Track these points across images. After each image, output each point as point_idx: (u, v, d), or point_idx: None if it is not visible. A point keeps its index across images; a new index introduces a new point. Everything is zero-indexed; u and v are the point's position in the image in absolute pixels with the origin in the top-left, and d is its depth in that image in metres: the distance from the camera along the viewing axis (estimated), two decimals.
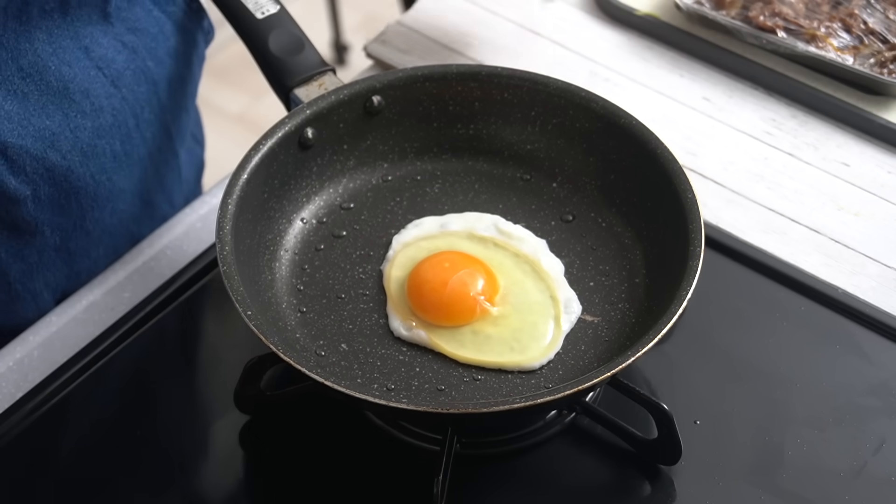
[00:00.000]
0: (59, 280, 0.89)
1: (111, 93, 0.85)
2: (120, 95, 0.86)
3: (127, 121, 0.87)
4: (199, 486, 0.79)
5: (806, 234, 0.90)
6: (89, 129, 0.84)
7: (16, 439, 0.79)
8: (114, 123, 0.86)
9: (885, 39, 0.97)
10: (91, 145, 0.85)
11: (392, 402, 0.69)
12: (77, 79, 0.83)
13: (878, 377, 0.81)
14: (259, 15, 0.87)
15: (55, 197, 0.84)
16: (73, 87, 0.83)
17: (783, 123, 0.97)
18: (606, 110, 0.84)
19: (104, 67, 0.84)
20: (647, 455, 0.77)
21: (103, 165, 0.86)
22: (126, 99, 0.86)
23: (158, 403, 0.83)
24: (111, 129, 0.86)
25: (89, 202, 0.87)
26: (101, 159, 0.86)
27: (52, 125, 0.82)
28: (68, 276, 0.89)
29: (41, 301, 0.88)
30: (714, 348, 0.83)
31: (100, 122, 0.85)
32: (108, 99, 0.85)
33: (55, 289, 0.89)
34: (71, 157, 0.84)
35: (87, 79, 0.83)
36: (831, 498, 0.75)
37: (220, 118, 2.30)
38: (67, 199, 0.85)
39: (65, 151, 0.83)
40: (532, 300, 0.80)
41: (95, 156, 0.85)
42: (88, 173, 0.85)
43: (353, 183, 0.88)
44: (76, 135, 0.84)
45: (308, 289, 0.82)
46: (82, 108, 0.84)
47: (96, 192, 0.87)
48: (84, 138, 0.84)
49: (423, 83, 0.87)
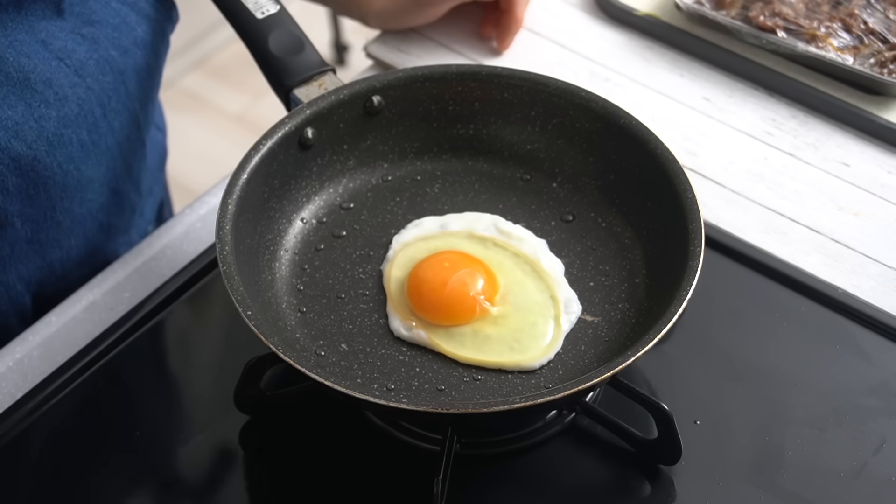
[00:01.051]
0: (31, 272, 0.89)
1: (75, 82, 0.85)
2: (84, 85, 0.86)
3: (93, 110, 0.87)
4: (200, 486, 0.79)
5: (806, 234, 0.90)
6: (54, 118, 0.84)
7: (16, 439, 0.79)
8: (79, 113, 0.86)
9: (885, 39, 0.97)
10: (57, 135, 0.85)
11: (392, 402, 0.69)
12: (38, 69, 0.83)
13: (878, 377, 0.81)
14: (259, 15, 0.87)
15: (23, 187, 0.84)
16: (34, 78, 0.83)
17: (783, 123, 0.97)
18: (606, 110, 0.84)
19: (65, 58, 0.84)
20: (647, 455, 0.77)
21: (70, 155, 0.86)
22: (91, 88, 0.86)
23: (158, 403, 0.83)
24: (77, 119, 0.86)
25: (58, 192, 0.87)
26: (69, 148, 0.86)
27: (15, 115, 0.82)
28: (41, 268, 0.89)
29: (14, 293, 0.88)
30: (714, 348, 0.83)
31: (65, 112, 0.85)
32: (73, 88, 0.85)
33: (28, 280, 0.89)
34: (37, 146, 0.84)
35: (49, 69, 0.83)
36: (831, 498, 0.75)
37: (220, 118, 2.30)
38: (36, 190, 0.85)
39: (30, 141, 0.83)
40: (532, 300, 0.80)
41: (62, 145, 0.85)
42: (56, 163, 0.85)
43: (353, 183, 0.88)
44: (41, 124, 0.83)
45: (308, 289, 0.82)
46: (45, 98, 0.83)
47: (65, 181, 0.87)
48: (49, 128, 0.84)
49: (423, 83, 0.87)
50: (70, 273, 0.92)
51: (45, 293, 0.92)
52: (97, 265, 0.93)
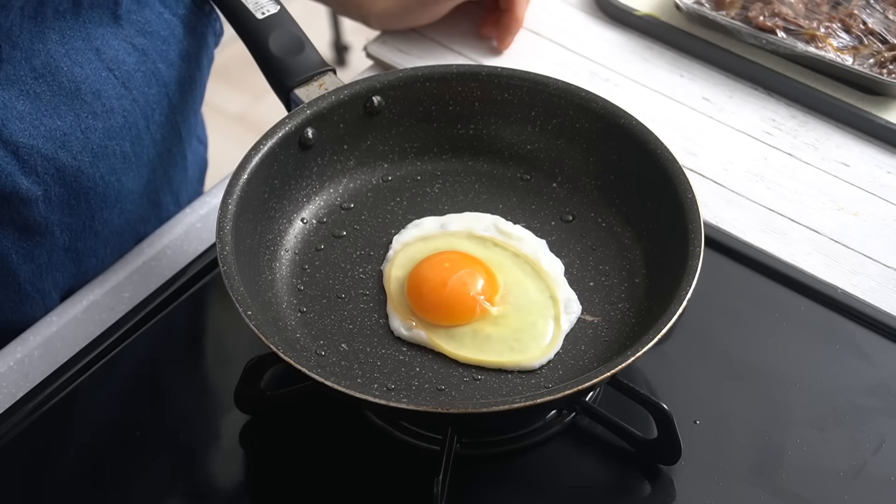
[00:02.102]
0: (66, 280, 0.89)
1: (122, 94, 0.85)
2: (130, 97, 0.86)
3: (137, 122, 0.87)
4: (200, 485, 0.79)
5: (806, 234, 0.90)
6: (100, 129, 0.84)
7: (16, 439, 0.79)
8: (124, 125, 0.86)
9: (885, 39, 0.97)
10: (101, 146, 0.85)
11: (392, 402, 0.69)
12: (89, 80, 0.83)
13: (877, 377, 0.81)
14: (259, 15, 0.87)
15: (65, 197, 0.85)
16: (84, 88, 0.83)
17: (783, 123, 0.97)
18: (606, 110, 0.84)
19: (115, 69, 0.85)
20: (646, 455, 0.77)
21: (113, 166, 0.86)
22: (136, 101, 0.87)
23: (158, 403, 0.83)
24: (121, 131, 0.86)
25: (98, 203, 0.87)
26: (112, 160, 0.86)
27: (64, 126, 0.82)
28: (75, 276, 0.89)
29: (49, 301, 0.88)
30: (714, 348, 0.83)
31: (110, 124, 0.85)
32: (119, 100, 0.85)
33: (62, 288, 0.89)
34: (81, 157, 0.84)
35: (99, 80, 0.84)
36: (831, 498, 0.76)
37: (221, 118, 2.30)
38: (77, 200, 0.85)
39: (76, 152, 0.83)
40: (532, 300, 0.80)
41: (106, 157, 0.86)
42: (98, 174, 0.85)
43: (354, 183, 0.88)
44: (87, 136, 0.84)
45: (308, 289, 0.82)
46: (93, 109, 0.84)
47: (106, 192, 0.87)
48: (95, 139, 0.84)
49: (423, 83, 0.87)
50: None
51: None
52: None
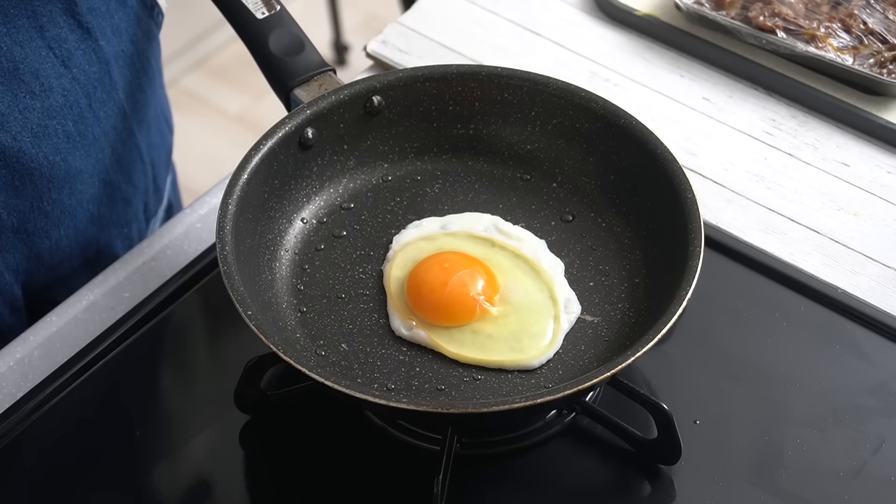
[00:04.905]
0: (19, 261, 0.89)
1: (61, 73, 0.85)
2: (70, 75, 0.86)
3: (79, 100, 0.87)
4: (200, 486, 0.79)
5: (806, 234, 0.90)
6: (38, 109, 0.84)
7: (16, 439, 0.79)
8: (64, 104, 0.86)
9: (885, 40, 0.97)
10: (42, 126, 0.85)
11: (392, 402, 0.69)
12: (28, 59, 0.83)
13: (877, 377, 0.81)
14: (259, 15, 0.87)
15: (8, 178, 0.85)
16: (22, 68, 0.83)
17: (783, 123, 0.97)
18: (606, 110, 0.84)
19: (56, 47, 0.84)
20: (646, 455, 0.77)
21: (56, 146, 0.86)
22: (77, 79, 0.86)
23: (158, 403, 0.83)
24: (62, 110, 0.86)
25: (45, 183, 0.87)
26: (54, 139, 0.86)
27: (2, 106, 0.82)
28: (28, 257, 0.89)
29: (2, 282, 0.88)
30: (714, 348, 0.83)
31: (50, 103, 0.85)
32: (59, 79, 0.85)
33: (16, 270, 0.89)
34: (21, 137, 0.84)
35: (38, 59, 0.83)
36: (831, 498, 0.76)
37: (220, 118, 2.30)
38: (22, 181, 0.85)
39: (14, 132, 0.83)
40: (532, 300, 0.80)
41: (47, 136, 0.85)
42: (41, 154, 0.85)
43: (354, 183, 0.88)
44: (25, 115, 0.84)
45: (308, 289, 0.82)
46: (31, 89, 0.84)
47: (51, 172, 0.87)
48: (34, 119, 0.84)
49: (423, 83, 0.87)
50: (61, 264, 0.92)
51: (35, 283, 0.92)
52: (89, 256, 0.94)
